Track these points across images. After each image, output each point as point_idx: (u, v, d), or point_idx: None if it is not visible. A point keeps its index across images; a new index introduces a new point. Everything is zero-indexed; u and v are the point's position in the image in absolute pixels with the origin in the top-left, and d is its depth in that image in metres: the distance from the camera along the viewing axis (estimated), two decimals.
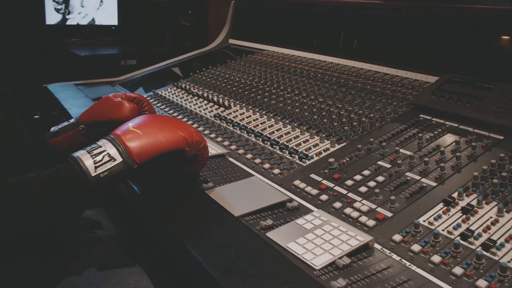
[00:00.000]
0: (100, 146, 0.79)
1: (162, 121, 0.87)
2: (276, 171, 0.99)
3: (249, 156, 1.08)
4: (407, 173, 0.91)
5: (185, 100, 1.58)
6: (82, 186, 0.75)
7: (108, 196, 1.04)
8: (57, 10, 2.69)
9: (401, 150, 0.98)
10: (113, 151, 0.77)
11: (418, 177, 0.90)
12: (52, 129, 1.10)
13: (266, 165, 1.02)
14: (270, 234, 0.74)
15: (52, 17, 2.70)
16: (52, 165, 0.79)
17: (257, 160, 1.05)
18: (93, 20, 2.63)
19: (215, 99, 1.51)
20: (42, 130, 1.13)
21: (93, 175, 0.75)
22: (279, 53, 1.93)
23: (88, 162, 0.76)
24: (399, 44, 1.45)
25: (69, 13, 2.66)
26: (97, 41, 2.51)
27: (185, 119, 1.40)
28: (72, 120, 1.11)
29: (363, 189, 0.88)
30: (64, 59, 2.42)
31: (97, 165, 0.76)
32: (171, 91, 1.72)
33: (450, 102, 1.12)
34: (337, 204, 0.84)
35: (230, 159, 1.10)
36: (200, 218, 0.81)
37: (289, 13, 1.97)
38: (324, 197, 0.87)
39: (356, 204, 0.84)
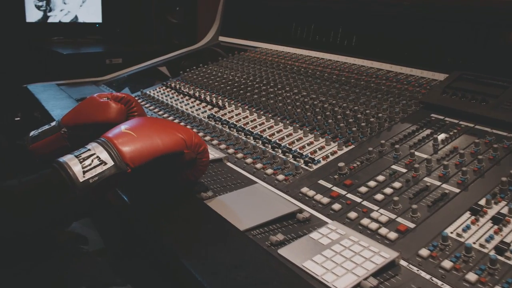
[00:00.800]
0: (89, 150, 0.71)
1: (157, 122, 0.80)
2: (281, 177, 0.91)
3: (249, 160, 0.99)
4: (426, 178, 0.83)
5: (175, 100, 1.48)
6: (69, 193, 0.67)
7: (95, 206, 0.94)
8: (38, 7, 2.57)
9: (417, 153, 0.90)
10: (104, 155, 0.70)
11: (438, 183, 0.82)
12: (32, 133, 0.99)
13: (269, 171, 0.93)
14: (283, 252, 0.65)
15: (32, 15, 2.57)
16: (34, 172, 0.71)
17: (259, 165, 0.96)
18: (76, 17, 2.51)
19: (208, 98, 1.42)
20: (23, 132, 1.03)
21: (81, 180, 0.67)
22: (273, 51, 1.84)
23: (76, 167, 0.68)
24: (402, 40, 1.38)
25: (50, 10, 2.54)
26: (81, 39, 2.40)
27: (176, 121, 1.31)
28: (53, 123, 1.01)
29: (379, 196, 0.80)
30: (45, 58, 2.30)
31: (85, 169, 0.68)
32: (160, 91, 1.62)
33: (463, 100, 1.05)
34: (352, 214, 0.76)
35: (229, 164, 1.01)
36: (201, 232, 0.72)
37: (283, 8, 1.89)
38: (336, 206, 0.79)
39: (374, 214, 0.75)
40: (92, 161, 0.69)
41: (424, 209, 0.76)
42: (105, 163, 0.69)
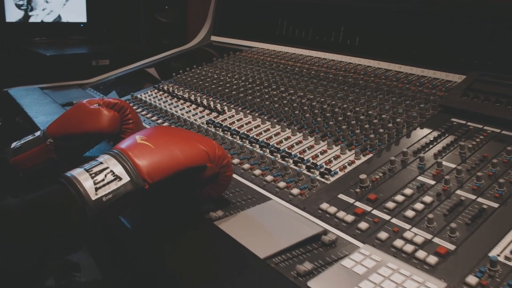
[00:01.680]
0: (102, 163, 0.62)
1: (176, 132, 0.72)
2: (295, 191, 0.82)
3: (257, 172, 0.90)
4: (459, 192, 0.75)
5: (169, 105, 1.38)
6: (80, 213, 0.58)
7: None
8: (19, 6, 2.44)
9: (444, 163, 0.82)
10: (118, 169, 0.62)
11: (472, 196, 0.74)
12: (13, 145, 0.89)
13: (281, 184, 0.84)
14: (313, 284, 0.56)
15: (13, 14, 2.44)
16: (17, 190, 0.61)
17: (269, 177, 0.87)
18: (59, 17, 2.39)
19: (205, 102, 1.32)
20: (5, 141, 0.93)
21: (93, 199, 0.59)
22: (270, 50, 1.75)
23: (87, 183, 0.60)
24: (411, 39, 1.30)
25: (32, 9, 2.41)
26: (64, 39, 2.28)
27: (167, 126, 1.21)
28: (37, 133, 0.91)
29: (409, 213, 0.71)
30: (27, 60, 2.17)
31: (98, 186, 0.60)
32: (152, 94, 1.52)
33: (486, 103, 0.97)
34: (383, 235, 0.67)
35: (235, 175, 0.91)
36: (214, 262, 0.62)
37: (279, 5, 1.80)
38: (363, 225, 0.70)
39: (407, 234, 0.67)
40: (106, 176, 0.61)
41: (462, 227, 0.67)
42: (120, 179, 0.61)
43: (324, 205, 0.76)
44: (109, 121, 0.86)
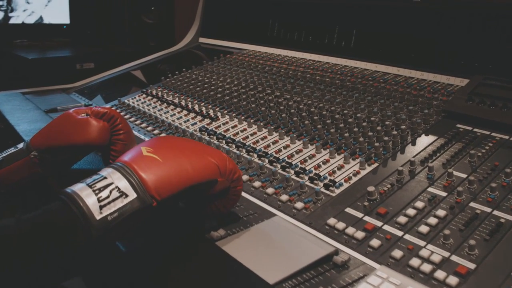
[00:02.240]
0: (105, 178, 0.58)
1: (184, 143, 0.68)
2: (299, 204, 0.77)
3: (257, 184, 0.85)
4: (472, 204, 0.71)
5: (159, 110, 1.33)
6: (83, 234, 0.53)
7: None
8: None
9: (454, 173, 0.78)
10: (123, 183, 0.57)
11: (487, 209, 0.70)
12: None
13: (284, 197, 0.80)
14: None
15: None
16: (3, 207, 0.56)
17: (270, 190, 0.82)
18: (41, 18, 2.30)
19: (197, 108, 1.27)
20: None
21: (98, 218, 0.54)
22: (261, 53, 1.70)
23: (90, 200, 0.55)
24: (409, 41, 1.26)
25: (12, 10, 2.32)
26: (47, 42, 2.20)
27: (163, 135, 1.15)
28: (20, 146, 0.84)
29: (423, 228, 0.67)
30: (8, 63, 2.08)
31: (102, 203, 0.55)
32: (140, 99, 1.46)
33: (493, 109, 0.94)
34: (397, 253, 0.63)
35: None
36: None
37: (270, 5, 1.75)
38: (375, 242, 0.65)
39: (423, 252, 0.62)
40: (111, 192, 0.56)
41: (480, 243, 0.63)
42: (126, 195, 0.56)
43: (332, 221, 0.72)
44: (99, 132, 0.80)
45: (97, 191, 0.55)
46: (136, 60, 1.99)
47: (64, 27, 2.29)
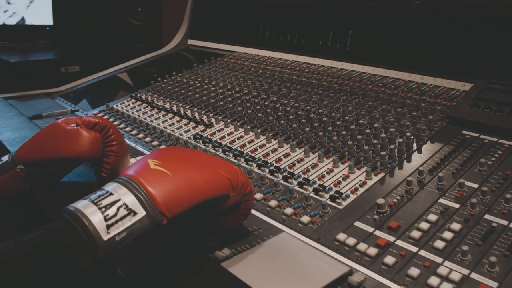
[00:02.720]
0: (111, 194, 0.53)
1: (193, 155, 0.65)
2: (305, 218, 0.73)
3: (258, 196, 0.81)
4: (487, 216, 0.68)
5: (150, 116, 1.28)
6: (89, 257, 0.49)
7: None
8: None
9: (466, 183, 0.75)
10: (130, 199, 0.53)
11: (504, 222, 0.67)
12: None
13: (288, 210, 0.75)
14: None
15: None
16: None
17: (273, 203, 0.78)
18: (22, 19, 2.22)
19: (189, 114, 1.22)
20: None
21: (105, 239, 0.50)
22: (253, 55, 1.66)
23: (95, 217, 0.51)
24: (408, 43, 1.23)
25: None
26: (29, 44, 2.12)
27: (155, 143, 1.10)
28: (5, 158, 0.79)
29: (439, 244, 0.63)
30: None
31: (109, 222, 0.51)
32: (129, 105, 1.40)
33: (499, 114, 0.91)
34: (414, 271, 0.59)
35: None
36: None
37: (262, 6, 1.71)
38: (389, 259, 0.62)
39: (441, 270, 0.59)
40: (118, 210, 0.52)
41: (500, 259, 0.60)
42: (135, 213, 0.52)
43: (341, 236, 0.68)
44: (90, 144, 0.75)
45: (103, 209, 0.51)
46: (123, 63, 1.93)
47: (47, 28, 2.21)
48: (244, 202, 0.65)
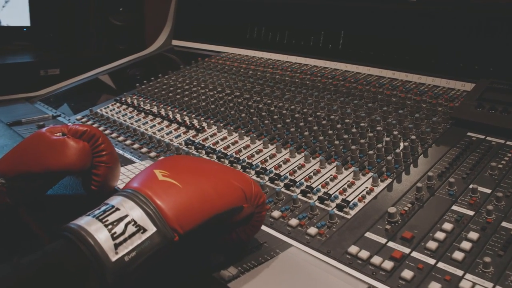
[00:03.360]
0: (118, 209, 0.48)
1: (202, 165, 0.60)
2: (312, 230, 0.68)
3: None
4: (505, 224, 0.65)
5: (137, 121, 1.22)
6: (96, 280, 0.44)
7: None
8: None
9: (479, 188, 0.72)
10: (138, 214, 0.48)
11: None
12: None
13: (293, 221, 0.71)
14: None
15: None
16: None
17: (276, 213, 0.74)
18: None
19: (179, 118, 1.17)
20: None
21: (113, 260, 0.45)
22: (242, 56, 1.61)
23: (101, 236, 0.45)
24: (404, 42, 1.20)
25: None
26: (6, 46, 2.03)
27: (144, 149, 1.04)
28: None
29: (458, 255, 0.60)
30: None
31: (118, 241, 0.46)
32: (114, 109, 1.34)
33: (505, 115, 0.88)
34: (435, 286, 0.55)
35: None
36: None
37: (250, 5, 1.66)
38: (407, 273, 0.58)
39: (464, 284, 0.55)
40: (126, 227, 0.47)
41: None
42: (144, 230, 0.47)
43: (353, 249, 0.64)
44: (78, 155, 0.69)
45: (110, 226, 0.46)
46: (104, 65, 1.86)
47: (25, 29, 2.12)
48: (257, 214, 0.60)
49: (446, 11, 1.12)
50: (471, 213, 0.68)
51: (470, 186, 0.72)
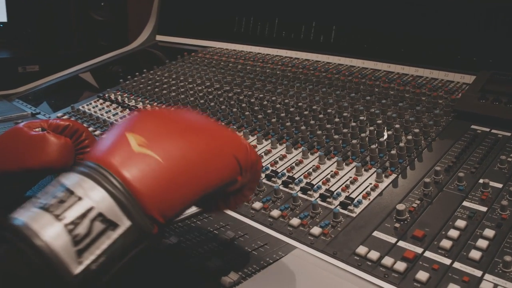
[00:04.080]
0: (80, 198, 0.37)
1: (187, 124, 0.47)
2: (316, 230, 0.64)
3: (257, 205, 0.71)
4: None
5: (121, 118, 1.16)
6: None
7: None
8: None
9: (491, 183, 0.68)
10: (106, 203, 0.37)
11: None
12: None
13: (294, 221, 0.66)
14: None
15: None
16: None
17: (275, 212, 0.68)
18: None
19: None
20: None
21: (75, 272, 0.35)
22: (230, 50, 1.56)
23: (57, 240, 0.35)
24: (399, 33, 1.16)
25: None
26: None
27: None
28: None
29: (475, 254, 0.56)
30: None
31: (81, 246, 0.35)
32: (97, 106, 1.27)
33: (510, 107, 0.85)
34: None
35: (230, 212, 0.71)
36: None
37: None
38: (422, 275, 0.53)
39: (484, 286, 0.51)
40: (92, 224, 0.36)
41: None
42: (115, 225, 0.37)
43: (361, 249, 0.59)
44: (60, 152, 0.63)
45: (70, 226, 0.35)
46: (86, 61, 1.78)
47: (1, 25, 2.03)
48: (250, 182, 0.52)
49: (443, 2, 1.08)
50: (484, 209, 0.64)
51: (481, 181, 0.68)
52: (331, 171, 0.77)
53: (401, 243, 0.60)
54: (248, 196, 0.55)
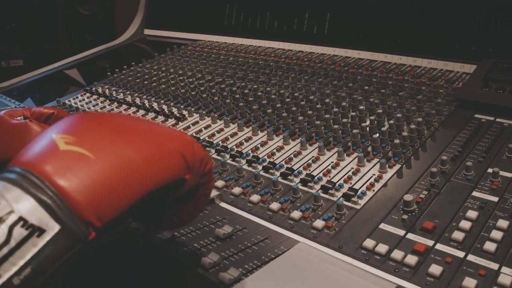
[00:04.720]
0: None
1: (123, 123, 0.43)
2: (319, 223, 0.60)
3: (255, 198, 0.67)
4: None
5: (109, 111, 1.10)
6: None
7: None
8: None
9: (501, 172, 0.65)
10: (29, 207, 0.33)
11: None
12: None
13: (295, 214, 0.62)
14: None
15: None
16: None
17: (275, 205, 0.65)
18: None
19: (156, 107, 1.06)
20: None
21: None
22: (220, 43, 1.51)
23: None
24: (394, 23, 1.13)
25: None
26: None
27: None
28: None
29: (489, 246, 0.52)
30: None
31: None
32: (83, 99, 1.22)
33: None
34: (469, 282, 0.48)
35: (225, 205, 0.67)
36: None
37: None
38: (435, 269, 0.50)
39: (502, 279, 0.48)
40: (11, 231, 0.32)
41: None
42: (42, 230, 0.32)
43: (368, 242, 0.55)
44: None
45: None
46: (72, 56, 1.73)
47: None
48: (202, 185, 0.47)
49: None
50: (495, 199, 0.60)
51: (489, 170, 0.65)
52: (332, 162, 0.73)
53: (410, 236, 0.56)
54: (204, 203, 0.50)
